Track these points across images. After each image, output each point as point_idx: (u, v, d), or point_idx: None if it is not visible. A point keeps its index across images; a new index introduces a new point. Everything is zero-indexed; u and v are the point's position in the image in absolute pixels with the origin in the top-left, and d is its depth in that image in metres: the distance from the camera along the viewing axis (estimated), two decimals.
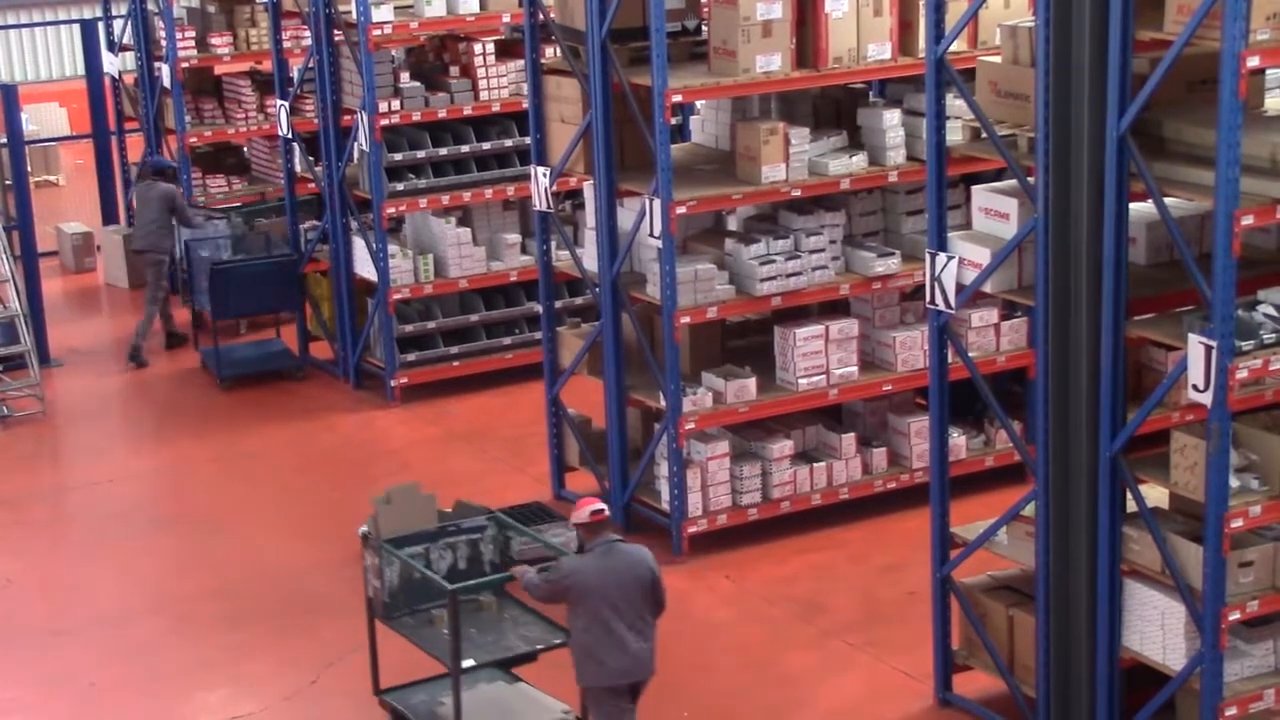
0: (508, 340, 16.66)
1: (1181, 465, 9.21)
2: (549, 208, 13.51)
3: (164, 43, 18.52)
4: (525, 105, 14.54)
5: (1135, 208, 9.41)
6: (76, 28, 23.29)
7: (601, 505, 9.59)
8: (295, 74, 17.14)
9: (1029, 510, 9.95)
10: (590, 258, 13.25)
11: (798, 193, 12.60)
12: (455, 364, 16.48)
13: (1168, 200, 9.10)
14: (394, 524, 10.72)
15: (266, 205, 18.61)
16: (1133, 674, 9.71)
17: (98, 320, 19.66)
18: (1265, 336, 8.95)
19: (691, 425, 12.56)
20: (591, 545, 9.59)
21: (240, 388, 16.90)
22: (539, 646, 10.21)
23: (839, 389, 12.92)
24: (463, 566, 10.86)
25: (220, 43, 18.64)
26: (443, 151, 16.15)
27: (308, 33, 16.68)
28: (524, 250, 16.35)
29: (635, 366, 13.09)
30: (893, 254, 12.95)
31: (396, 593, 10.70)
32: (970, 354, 11.50)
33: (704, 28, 12.97)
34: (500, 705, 10.50)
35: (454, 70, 16.26)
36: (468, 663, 10.07)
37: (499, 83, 16.17)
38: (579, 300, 16.59)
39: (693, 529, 12.75)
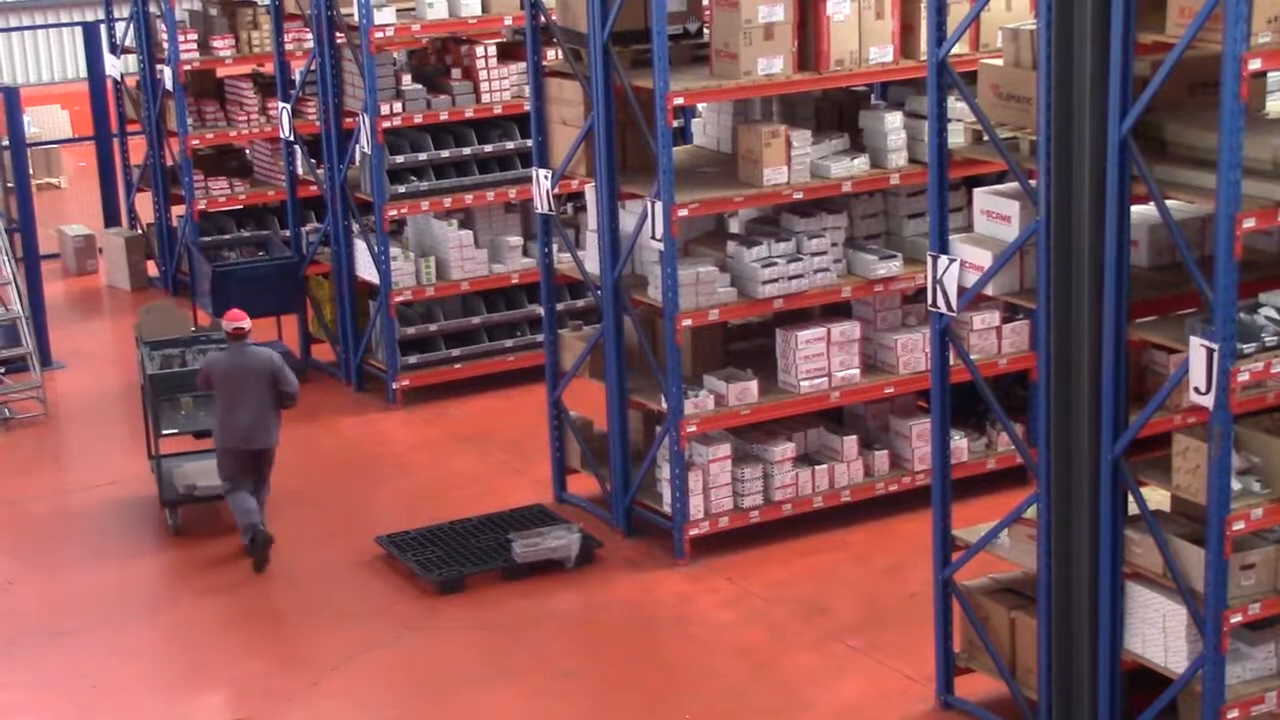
0: (509, 343, 16.65)
1: (1183, 468, 9.21)
2: (551, 210, 13.51)
3: (166, 45, 18.52)
4: (527, 108, 14.55)
5: (1137, 210, 9.41)
6: (79, 30, 23.31)
7: (242, 323, 13.01)
8: (297, 76, 17.15)
9: (1031, 513, 9.95)
10: (592, 260, 13.25)
11: (799, 195, 12.60)
12: (457, 366, 16.48)
13: (1169, 203, 9.10)
14: (155, 331, 14.87)
15: None
16: (1134, 677, 9.71)
17: (99, 322, 19.67)
18: (1267, 339, 8.95)
19: (693, 428, 12.55)
20: (229, 346, 13.10)
21: None
22: None
23: (841, 391, 12.92)
24: None
25: (222, 45, 18.64)
26: (444, 154, 16.16)
27: (310, 35, 16.70)
28: (526, 253, 16.35)
29: (637, 369, 13.09)
30: (894, 256, 12.95)
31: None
32: (972, 356, 11.50)
33: (705, 30, 12.98)
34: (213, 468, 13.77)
35: (455, 73, 16.27)
36: (169, 431, 13.86)
37: (500, 85, 16.18)
38: (581, 303, 16.60)
39: (694, 531, 12.75)
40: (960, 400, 11.39)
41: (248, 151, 19.66)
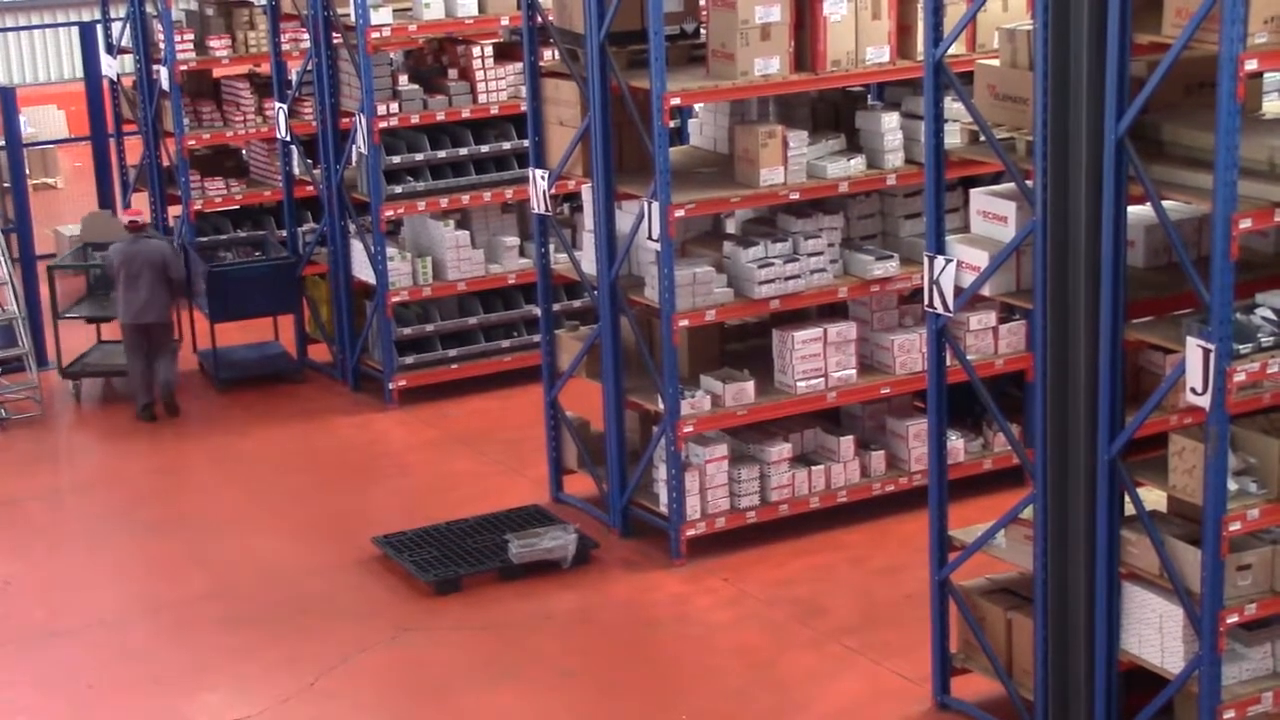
0: (506, 343, 16.66)
1: (1180, 468, 9.21)
2: (547, 211, 13.51)
3: (162, 45, 18.51)
4: (523, 108, 14.56)
5: (1133, 211, 9.41)
6: (75, 30, 23.28)
7: (138, 217, 16.24)
8: (294, 77, 17.15)
9: (1027, 513, 9.95)
10: (589, 261, 13.25)
11: (796, 196, 12.61)
12: (453, 367, 16.48)
13: (1166, 203, 9.10)
14: (95, 235, 18.16)
15: None
16: (1131, 677, 9.72)
17: None
18: (1263, 339, 8.96)
19: (690, 428, 12.56)
20: (128, 237, 15.93)
21: (238, 390, 16.90)
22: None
23: (837, 392, 12.92)
24: None
25: (219, 45, 18.64)
26: (441, 154, 16.15)
27: (306, 35, 16.69)
28: (522, 253, 16.35)
29: (633, 369, 13.10)
30: (891, 257, 12.95)
31: (92, 287, 17.66)
32: (969, 357, 11.51)
33: (702, 31, 12.97)
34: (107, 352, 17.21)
35: (452, 73, 16.26)
36: (71, 312, 17.24)
37: (497, 85, 16.18)
38: (577, 303, 16.59)
39: (691, 532, 12.75)
40: (957, 401, 11.38)
41: (244, 152, 19.66)
